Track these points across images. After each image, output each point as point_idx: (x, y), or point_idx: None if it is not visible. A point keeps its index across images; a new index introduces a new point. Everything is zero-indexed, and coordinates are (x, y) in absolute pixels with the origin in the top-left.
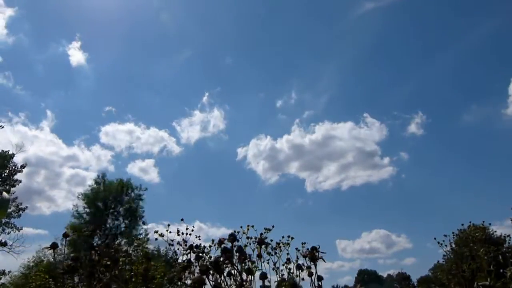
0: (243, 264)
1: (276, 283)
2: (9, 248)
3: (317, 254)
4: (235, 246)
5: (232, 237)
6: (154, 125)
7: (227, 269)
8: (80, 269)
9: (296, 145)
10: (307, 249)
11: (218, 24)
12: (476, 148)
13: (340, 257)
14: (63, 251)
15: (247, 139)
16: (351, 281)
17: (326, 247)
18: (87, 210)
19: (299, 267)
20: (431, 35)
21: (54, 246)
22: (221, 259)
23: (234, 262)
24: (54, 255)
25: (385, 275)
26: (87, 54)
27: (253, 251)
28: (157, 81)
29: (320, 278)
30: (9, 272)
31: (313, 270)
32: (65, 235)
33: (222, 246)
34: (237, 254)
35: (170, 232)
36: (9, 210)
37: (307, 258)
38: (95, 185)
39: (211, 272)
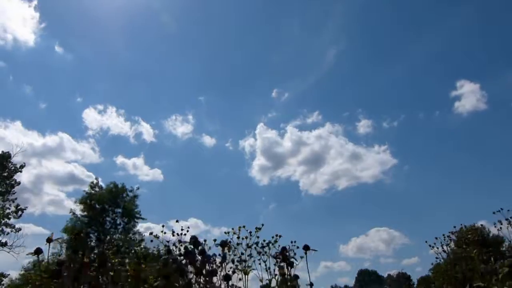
0: (206, 266)
1: (268, 281)
2: (9, 248)
3: (288, 254)
4: (199, 248)
5: (194, 240)
6: (149, 121)
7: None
8: (64, 274)
9: (294, 143)
10: (277, 251)
11: (216, 22)
12: (477, 143)
13: (340, 257)
14: (62, 251)
15: (243, 135)
16: (351, 281)
17: (327, 247)
18: (85, 213)
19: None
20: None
21: (38, 251)
22: (184, 261)
23: (196, 264)
24: (38, 259)
25: (385, 275)
26: (87, 51)
27: (245, 251)
28: (153, 78)
29: (296, 277)
30: (8, 274)
31: (285, 271)
32: (48, 240)
33: (185, 248)
34: (200, 256)
35: (165, 233)
36: (8, 211)
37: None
38: (91, 190)
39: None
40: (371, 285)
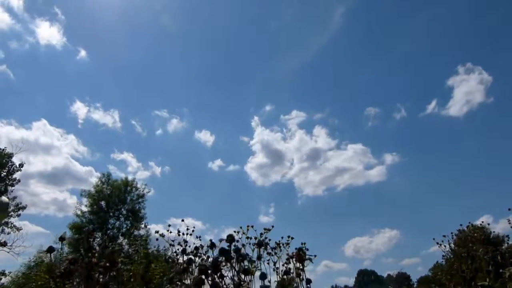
0: (240, 265)
1: (276, 282)
2: (9, 248)
3: (304, 255)
4: (233, 247)
5: (230, 238)
6: (143, 119)
7: (225, 270)
8: (76, 272)
9: (293, 142)
10: (294, 250)
11: (216, 18)
12: (477, 140)
13: (340, 257)
14: (63, 251)
15: (241, 133)
16: (351, 280)
17: (327, 247)
18: (89, 209)
19: (286, 273)
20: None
21: (50, 250)
22: (220, 259)
23: (232, 263)
24: (51, 258)
25: (385, 275)
26: (89, 51)
27: (253, 251)
28: (148, 75)
29: (308, 281)
30: (10, 272)
31: (301, 272)
32: (61, 239)
33: (220, 247)
34: (235, 255)
35: (170, 232)
36: (8, 210)
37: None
38: (99, 184)
39: (209, 272)
40: (370, 285)
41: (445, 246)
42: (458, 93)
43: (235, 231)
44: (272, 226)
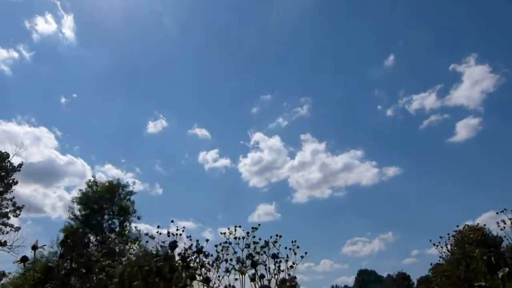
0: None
1: (268, 282)
2: (8, 248)
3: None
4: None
5: (173, 245)
6: (137, 118)
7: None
8: (51, 281)
9: (289, 142)
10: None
11: (216, 26)
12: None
13: (340, 257)
14: (58, 252)
15: (237, 131)
16: (350, 279)
17: (327, 247)
18: (81, 212)
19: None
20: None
21: (23, 259)
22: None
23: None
24: (24, 266)
25: (384, 275)
26: (88, 49)
27: (242, 251)
28: (142, 74)
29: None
30: (9, 273)
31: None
32: (33, 248)
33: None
34: (181, 261)
35: (160, 233)
36: (7, 210)
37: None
38: (88, 188)
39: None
40: (370, 285)
41: (441, 247)
42: (462, 85)
43: (221, 233)
44: (259, 225)
